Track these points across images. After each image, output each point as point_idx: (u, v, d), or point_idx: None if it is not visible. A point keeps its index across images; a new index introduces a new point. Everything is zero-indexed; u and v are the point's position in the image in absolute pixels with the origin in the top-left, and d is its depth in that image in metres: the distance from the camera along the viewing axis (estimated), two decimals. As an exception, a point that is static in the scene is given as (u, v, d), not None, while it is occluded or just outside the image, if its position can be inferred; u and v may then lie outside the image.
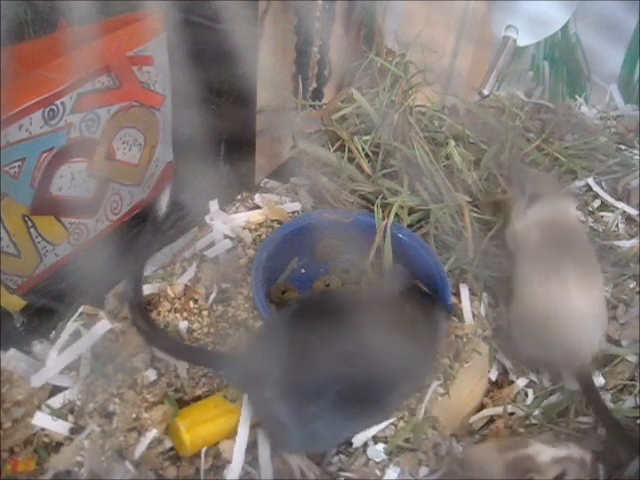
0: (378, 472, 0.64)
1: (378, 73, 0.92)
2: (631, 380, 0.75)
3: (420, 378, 0.68)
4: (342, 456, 0.64)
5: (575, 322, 0.68)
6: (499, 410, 0.72)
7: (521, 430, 0.70)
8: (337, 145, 0.88)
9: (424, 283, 0.78)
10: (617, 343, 0.77)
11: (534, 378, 0.74)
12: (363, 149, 0.85)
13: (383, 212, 0.80)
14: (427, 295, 0.72)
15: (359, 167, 0.86)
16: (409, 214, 0.82)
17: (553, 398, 0.73)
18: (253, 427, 0.63)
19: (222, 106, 0.88)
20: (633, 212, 0.92)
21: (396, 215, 0.80)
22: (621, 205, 0.93)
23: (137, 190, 0.90)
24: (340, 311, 0.61)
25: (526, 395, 0.73)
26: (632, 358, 0.76)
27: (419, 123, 0.89)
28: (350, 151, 0.86)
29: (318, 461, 0.64)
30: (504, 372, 0.75)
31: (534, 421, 0.71)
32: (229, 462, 0.61)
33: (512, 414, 0.71)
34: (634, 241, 0.88)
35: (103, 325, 0.68)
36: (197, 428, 0.62)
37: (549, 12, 0.84)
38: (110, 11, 0.78)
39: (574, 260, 0.69)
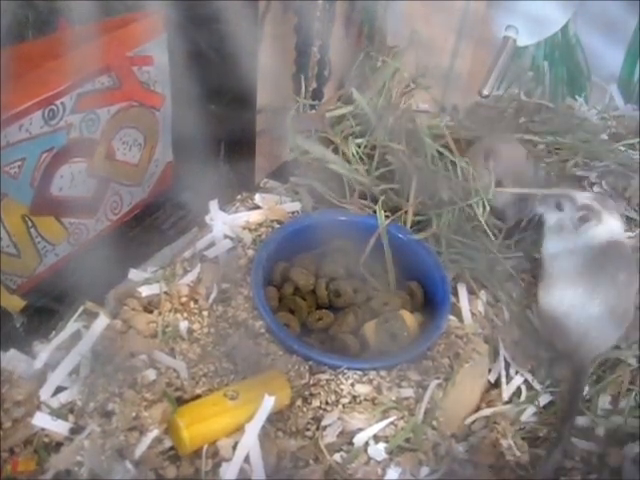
0: (379, 471, 0.64)
1: (370, 72, 0.93)
2: (631, 383, 0.75)
3: None
4: (343, 454, 0.64)
5: (591, 327, 0.73)
6: (497, 410, 0.72)
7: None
8: (331, 148, 0.88)
9: (424, 283, 0.79)
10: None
11: (528, 377, 0.75)
12: (357, 152, 0.85)
13: (385, 212, 0.80)
14: None
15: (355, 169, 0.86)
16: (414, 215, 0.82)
17: (546, 397, 0.74)
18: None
19: (222, 106, 0.89)
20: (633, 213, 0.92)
21: (400, 216, 0.81)
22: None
23: (137, 190, 0.90)
24: None
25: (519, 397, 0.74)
26: (632, 360, 0.76)
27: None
28: (344, 154, 0.86)
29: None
30: (505, 369, 0.75)
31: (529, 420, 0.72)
32: (226, 460, 0.61)
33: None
34: (630, 234, 0.88)
35: (102, 321, 0.68)
36: (196, 425, 0.61)
37: (549, 12, 0.84)
38: (110, 11, 0.78)
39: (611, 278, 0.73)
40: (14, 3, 0.71)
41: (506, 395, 0.74)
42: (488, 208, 0.79)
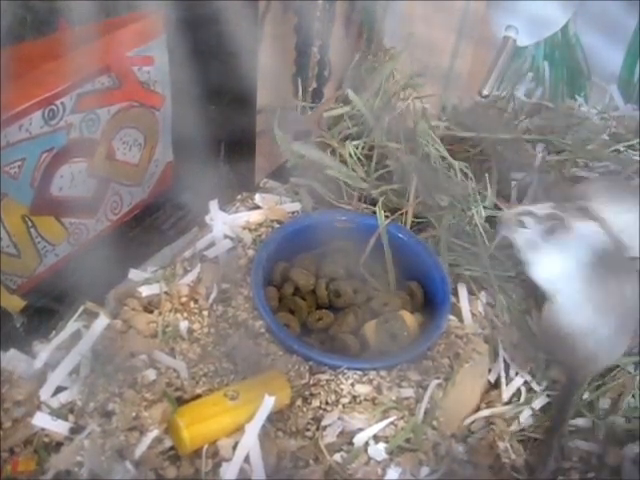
0: (379, 471, 0.64)
1: (367, 73, 0.93)
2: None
3: None
4: (343, 454, 0.64)
5: (595, 342, 0.72)
6: (496, 411, 0.72)
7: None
8: (329, 151, 0.88)
9: (424, 283, 0.79)
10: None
11: (528, 379, 0.75)
12: (355, 154, 0.85)
13: (385, 213, 0.80)
14: None
15: (353, 171, 0.86)
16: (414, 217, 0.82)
17: (542, 399, 0.74)
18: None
19: (222, 106, 0.89)
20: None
21: (400, 215, 0.81)
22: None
23: (137, 190, 0.90)
24: None
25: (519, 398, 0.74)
26: (630, 368, 0.76)
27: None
28: (342, 156, 0.86)
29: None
30: (505, 370, 0.75)
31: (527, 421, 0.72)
32: (226, 460, 0.61)
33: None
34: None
35: (102, 321, 0.68)
36: (196, 425, 0.61)
37: (549, 12, 0.84)
38: (110, 11, 0.78)
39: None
40: (14, 3, 0.71)
41: (506, 396, 0.74)
42: (484, 213, 0.79)
